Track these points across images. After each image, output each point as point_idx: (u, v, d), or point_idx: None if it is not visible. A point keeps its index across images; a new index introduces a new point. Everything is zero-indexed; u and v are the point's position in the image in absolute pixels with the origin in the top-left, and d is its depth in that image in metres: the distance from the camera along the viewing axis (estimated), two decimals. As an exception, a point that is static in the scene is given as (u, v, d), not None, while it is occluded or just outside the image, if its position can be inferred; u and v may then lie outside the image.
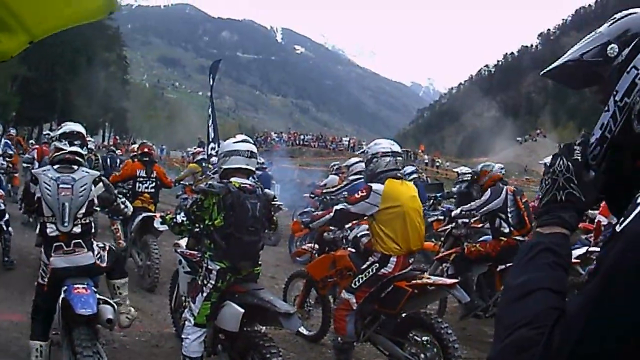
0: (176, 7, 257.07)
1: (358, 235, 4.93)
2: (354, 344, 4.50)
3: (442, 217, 9.04)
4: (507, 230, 5.89)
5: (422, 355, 4.15)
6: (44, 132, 13.23)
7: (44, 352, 3.87)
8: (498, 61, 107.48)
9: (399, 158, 4.53)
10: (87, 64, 52.12)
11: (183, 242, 4.70)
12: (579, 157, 1.08)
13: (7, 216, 7.23)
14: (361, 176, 7.41)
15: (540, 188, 1.11)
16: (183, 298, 4.74)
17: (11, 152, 10.74)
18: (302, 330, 5.31)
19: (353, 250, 4.87)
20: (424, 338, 4.16)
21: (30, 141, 25.84)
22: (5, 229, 7.17)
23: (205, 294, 3.83)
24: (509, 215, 5.89)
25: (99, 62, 55.42)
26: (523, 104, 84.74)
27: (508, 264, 5.65)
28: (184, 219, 3.94)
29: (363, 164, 7.94)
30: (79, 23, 1.71)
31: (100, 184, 4.03)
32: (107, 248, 4.11)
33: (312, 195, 9.72)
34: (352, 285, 4.34)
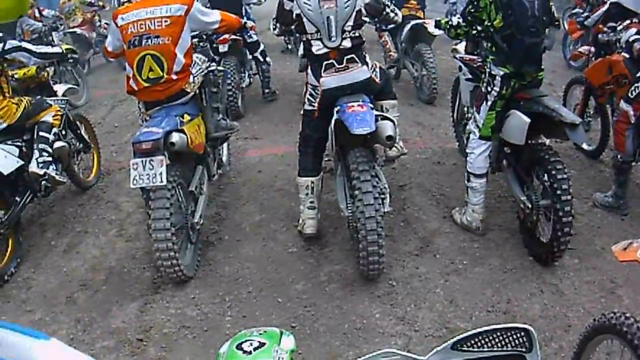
0: None
1: (630, 39, 4.51)
2: (632, 164, 4.39)
3: None
4: None
5: None
6: None
7: (315, 189, 3.93)
8: None
9: None
10: None
11: (461, 47, 4.64)
12: None
13: (262, 46, 7.27)
14: None
15: None
16: (465, 109, 4.80)
17: None
18: (583, 144, 5.28)
19: (627, 55, 4.52)
20: None
21: None
22: (262, 59, 7.23)
23: (489, 103, 3.82)
24: None
25: None
26: None
27: None
28: (460, 20, 3.94)
29: None
30: None
31: None
32: (378, 65, 4.02)
33: None
34: (629, 94, 4.21)
